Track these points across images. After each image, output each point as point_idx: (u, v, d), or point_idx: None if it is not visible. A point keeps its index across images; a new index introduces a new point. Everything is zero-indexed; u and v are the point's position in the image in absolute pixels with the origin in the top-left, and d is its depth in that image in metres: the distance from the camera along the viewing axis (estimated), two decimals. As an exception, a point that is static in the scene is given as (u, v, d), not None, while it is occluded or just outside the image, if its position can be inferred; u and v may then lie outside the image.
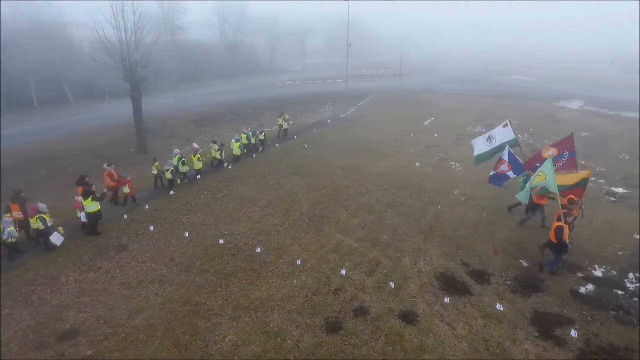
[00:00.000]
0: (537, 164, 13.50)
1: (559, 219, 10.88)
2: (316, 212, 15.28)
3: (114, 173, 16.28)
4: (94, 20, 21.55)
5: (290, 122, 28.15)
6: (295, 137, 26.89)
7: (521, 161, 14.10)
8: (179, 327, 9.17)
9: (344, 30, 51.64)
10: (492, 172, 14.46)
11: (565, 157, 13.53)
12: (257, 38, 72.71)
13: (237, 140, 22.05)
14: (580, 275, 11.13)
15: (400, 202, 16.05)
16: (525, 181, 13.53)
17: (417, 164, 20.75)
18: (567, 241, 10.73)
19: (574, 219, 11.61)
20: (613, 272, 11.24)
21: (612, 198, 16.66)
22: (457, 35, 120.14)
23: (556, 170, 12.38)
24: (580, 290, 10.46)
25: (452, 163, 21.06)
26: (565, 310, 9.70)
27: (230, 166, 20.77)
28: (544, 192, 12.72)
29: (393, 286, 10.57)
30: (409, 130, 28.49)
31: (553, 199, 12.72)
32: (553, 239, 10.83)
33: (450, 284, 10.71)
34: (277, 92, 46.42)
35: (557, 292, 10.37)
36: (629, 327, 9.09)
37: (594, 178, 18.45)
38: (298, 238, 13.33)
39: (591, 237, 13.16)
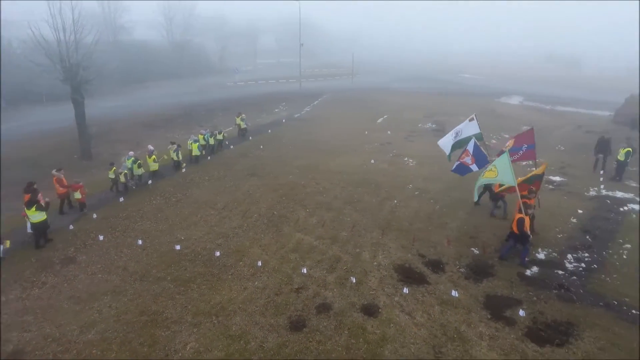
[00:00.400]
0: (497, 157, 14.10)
1: (519, 211, 11.44)
2: (275, 212, 15.22)
3: (64, 179, 15.34)
4: (28, 20, 20.10)
5: (248, 123, 27.88)
6: (250, 138, 26.59)
7: (486, 154, 14.72)
8: (136, 339, 8.80)
9: (295, 30, 51.73)
10: (457, 162, 14.83)
11: (523, 150, 14.40)
12: (206, 38, 71.07)
13: (195, 141, 21.60)
14: (526, 258, 11.88)
15: (358, 199, 16.35)
16: None
17: (373, 161, 21.22)
18: (529, 231, 11.26)
19: (532, 209, 12.29)
20: (554, 254, 12.12)
21: (550, 186, 17.91)
22: (411, 35, 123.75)
23: (513, 162, 12.93)
24: (526, 273, 11.19)
25: (406, 159, 21.74)
26: (513, 292, 10.34)
27: (184, 169, 20.17)
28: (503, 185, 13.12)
29: (354, 281, 10.76)
30: (364, 128, 29.06)
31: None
32: (515, 230, 11.36)
33: (409, 275, 11.07)
34: (230, 92, 45.62)
35: (506, 276, 11.03)
36: (570, 304, 9.85)
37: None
38: (258, 239, 13.21)
39: (535, 223, 14.08)
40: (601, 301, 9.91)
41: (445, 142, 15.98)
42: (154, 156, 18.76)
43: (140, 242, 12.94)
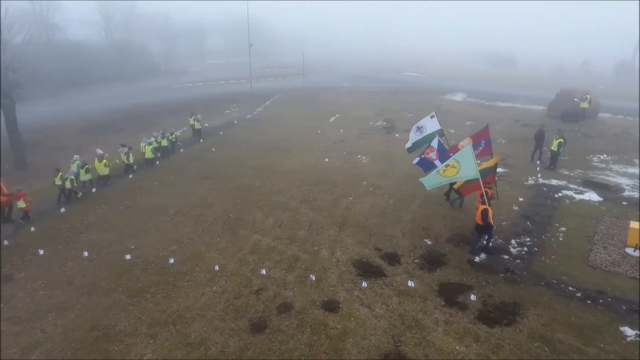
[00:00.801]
0: (452, 154, 14.34)
1: (482, 202, 11.90)
2: (230, 215, 14.96)
3: (3, 187, 14.17)
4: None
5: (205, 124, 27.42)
6: (201, 140, 25.92)
7: (447, 149, 15.32)
8: (87, 355, 8.32)
9: (244, 30, 50.97)
10: (421, 156, 15.30)
11: (481, 146, 15.18)
12: (149, 38, 68.11)
13: (149, 144, 20.88)
14: (491, 245, 12.53)
15: (314, 197, 16.45)
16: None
17: (327, 160, 21.42)
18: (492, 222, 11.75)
19: (494, 199, 12.90)
20: (500, 240, 12.89)
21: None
22: (359, 35, 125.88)
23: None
24: (475, 260, 11.82)
25: (359, 156, 22.15)
26: (464, 279, 10.89)
27: (131, 176, 19.27)
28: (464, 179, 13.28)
29: (314, 279, 10.84)
30: (316, 127, 29.25)
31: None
32: (480, 222, 11.78)
33: (366, 269, 11.33)
34: (177, 94, 44.14)
35: (457, 264, 11.59)
36: (515, 285, 10.53)
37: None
38: (214, 244, 12.93)
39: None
40: (542, 281, 10.69)
41: (410, 138, 16.59)
42: (104, 160, 17.81)
43: (86, 253, 12.23)
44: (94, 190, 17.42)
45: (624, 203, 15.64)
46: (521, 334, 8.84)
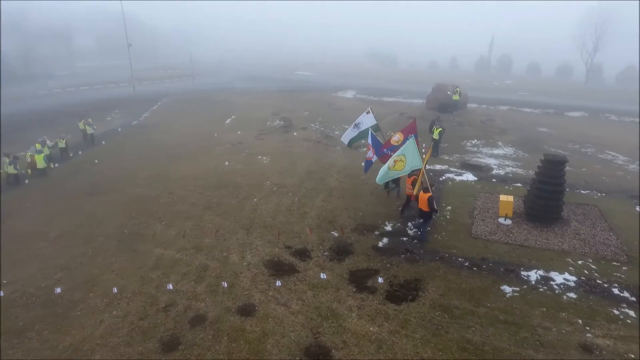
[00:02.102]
0: (384, 150, 15.35)
1: (426, 191, 12.53)
2: (125, 231, 13.70)
3: None
4: None
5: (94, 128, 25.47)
6: (80, 152, 23.17)
7: (381, 142, 15.87)
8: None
9: (119, 29, 46.70)
10: (365, 161, 15.95)
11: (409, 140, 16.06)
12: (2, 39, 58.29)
13: (39, 152, 18.95)
14: (377, 232, 13.42)
15: (217, 203, 15.90)
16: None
17: (227, 163, 20.85)
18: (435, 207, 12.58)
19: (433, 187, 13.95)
20: (398, 224, 13.97)
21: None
22: (249, 34, 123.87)
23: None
24: (379, 245, 12.63)
25: (259, 157, 21.99)
26: (371, 264, 11.57)
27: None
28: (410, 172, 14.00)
29: (226, 285, 10.51)
30: (212, 130, 28.23)
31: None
32: (425, 208, 12.40)
33: (279, 268, 11.35)
34: (45, 102, 38.70)
35: (363, 251, 12.27)
36: (415, 264, 11.53)
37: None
38: (109, 264, 11.71)
39: (379, 200, 15.96)
40: (437, 256, 11.88)
41: (346, 135, 17.00)
42: None
43: (-59, 298, 10.11)
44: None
45: (494, 180, 18.17)
46: (424, 306, 9.73)
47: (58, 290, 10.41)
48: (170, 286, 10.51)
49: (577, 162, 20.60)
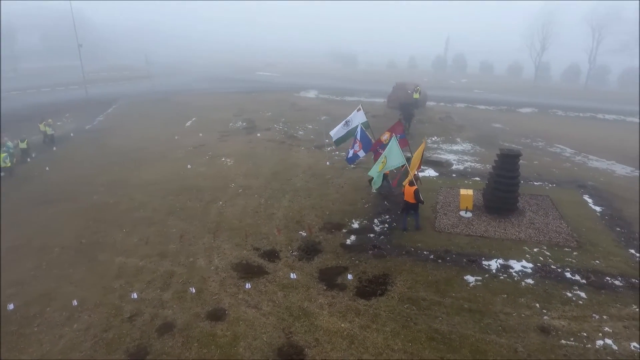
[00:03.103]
0: (378, 148, 15.73)
1: (411, 184, 13.01)
2: (83, 240, 13.08)
3: None
4: None
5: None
6: (29, 159, 21.84)
7: (371, 139, 15.97)
8: None
9: (66, 28, 44.29)
10: (350, 154, 16.09)
11: (397, 139, 16.17)
12: None
13: (5, 152, 18.51)
14: (345, 230, 13.58)
15: (181, 207, 15.50)
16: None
17: (189, 166, 20.35)
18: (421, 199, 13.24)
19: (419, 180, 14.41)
20: (365, 221, 14.19)
21: (352, 165, 20.70)
22: (209, 34, 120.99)
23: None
24: (347, 242, 12.79)
25: (223, 159, 21.63)
26: (340, 262, 11.70)
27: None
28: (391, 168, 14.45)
29: (194, 291, 10.29)
30: (172, 133, 27.44)
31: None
32: (412, 200, 12.96)
33: (248, 270, 11.24)
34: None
35: (332, 249, 12.38)
36: (383, 259, 11.78)
37: (337, 152, 22.53)
38: (67, 276, 11.15)
39: (345, 198, 16.15)
40: (403, 250, 12.19)
41: (337, 131, 17.08)
42: None
43: None
44: None
45: (454, 175, 18.83)
46: (393, 299, 9.97)
47: (11, 306, 9.80)
48: (135, 295, 10.15)
49: (530, 155, 21.75)
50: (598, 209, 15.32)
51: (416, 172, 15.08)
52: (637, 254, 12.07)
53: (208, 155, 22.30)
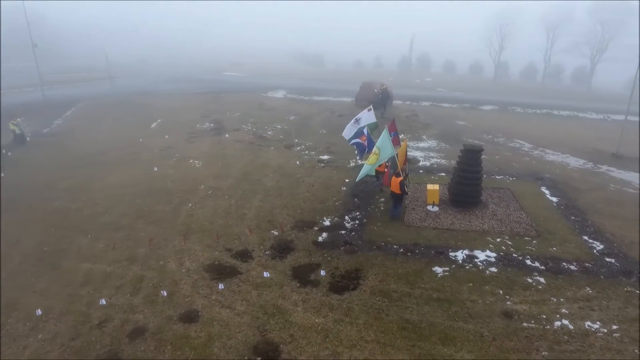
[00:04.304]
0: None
1: (397, 175, 13.60)
2: (46, 248, 12.59)
3: None
4: None
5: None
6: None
7: (374, 142, 15.83)
8: None
9: (18, 28, 42.02)
10: (356, 140, 16.32)
11: (391, 137, 16.27)
12: None
13: None
14: (316, 228, 13.74)
15: (149, 210, 15.18)
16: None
17: (156, 169, 19.90)
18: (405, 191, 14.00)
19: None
20: (336, 219, 14.40)
21: (322, 164, 20.93)
22: (175, 34, 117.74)
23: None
24: (319, 240, 12.95)
25: (191, 161, 21.30)
26: (312, 259, 11.85)
27: None
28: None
29: (165, 294, 10.15)
30: (137, 135, 26.71)
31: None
32: (398, 191, 13.65)
33: (220, 271, 11.19)
34: None
35: (304, 247, 12.50)
36: (354, 254, 12.02)
37: (307, 151, 22.70)
38: (29, 285, 10.72)
39: (315, 197, 16.31)
40: (374, 245, 12.49)
41: (348, 130, 16.88)
42: None
43: None
44: None
45: (421, 171, 19.41)
46: (365, 293, 10.21)
47: (-31, 319, 9.33)
48: (104, 301, 9.90)
49: (491, 150, 22.70)
50: (555, 199, 16.24)
51: (404, 166, 15.60)
52: (590, 240, 12.92)
53: (175, 158, 21.89)
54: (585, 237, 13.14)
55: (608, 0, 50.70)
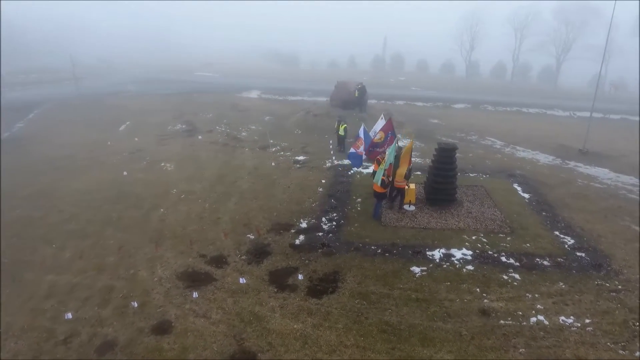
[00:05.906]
0: (371, 148, 15.96)
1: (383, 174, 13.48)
2: (5, 260, 11.84)
3: None
4: None
5: None
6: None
7: (371, 137, 15.98)
8: None
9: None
10: (352, 151, 16.07)
11: (389, 137, 16.20)
12: None
13: None
14: (293, 230, 13.51)
15: (118, 217, 14.56)
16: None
17: (125, 173, 19.16)
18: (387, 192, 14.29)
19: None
20: (313, 220, 14.21)
21: (297, 165, 20.70)
22: (137, 33, 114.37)
23: (381, 146, 15.72)
24: (296, 243, 12.72)
25: (163, 164, 20.64)
26: (290, 262, 11.62)
27: None
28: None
29: (136, 305, 9.70)
30: (105, 138, 25.71)
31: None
32: (381, 190, 13.73)
33: (195, 279, 10.80)
34: None
35: (281, 250, 12.25)
36: (332, 257, 11.86)
37: (282, 152, 22.42)
38: (-14, 300, 10.02)
39: (292, 198, 16.07)
40: (352, 247, 12.36)
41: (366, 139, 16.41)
42: None
43: None
44: None
45: (396, 170, 19.44)
46: (344, 296, 10.07)
47: None
48: (70, 315, 9.37)
49: (465, 148, 23.06)
50: (526, 195, 16.59)
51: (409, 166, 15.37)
52: (561, 236, 13.24)
53: (146, 161, 21.16)
54: (557, 232, 13.45)
55: (571, 0, 52.64)
